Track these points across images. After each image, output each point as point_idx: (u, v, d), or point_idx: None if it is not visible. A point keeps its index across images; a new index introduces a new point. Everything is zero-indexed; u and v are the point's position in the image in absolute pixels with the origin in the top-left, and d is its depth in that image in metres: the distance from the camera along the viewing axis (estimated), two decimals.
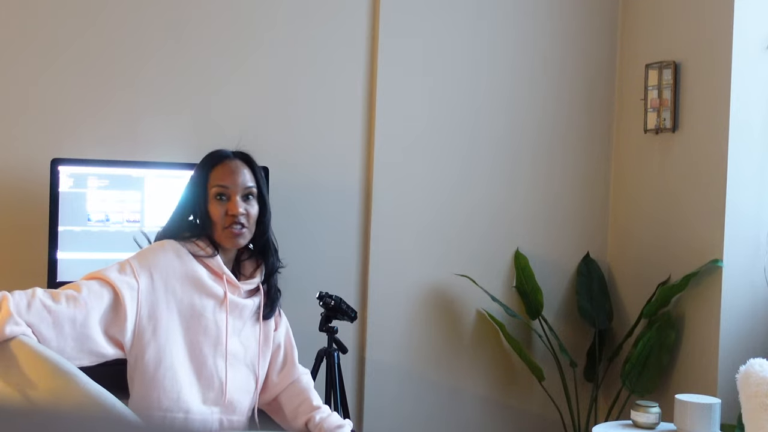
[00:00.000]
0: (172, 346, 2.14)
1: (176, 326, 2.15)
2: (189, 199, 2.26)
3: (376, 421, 3.44)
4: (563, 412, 3.58)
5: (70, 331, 2.01)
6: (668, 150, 3.45)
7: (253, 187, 2.26)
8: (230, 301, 2.22)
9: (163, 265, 2.15)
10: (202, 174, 2.25)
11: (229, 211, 2.20)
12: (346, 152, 3.41)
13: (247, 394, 2.27)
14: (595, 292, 3.66)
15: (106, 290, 2.07)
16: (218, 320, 2.20)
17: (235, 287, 2.24)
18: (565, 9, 3.68)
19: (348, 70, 3.41)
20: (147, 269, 2.13)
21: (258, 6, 3.28)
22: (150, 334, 2.12)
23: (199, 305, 2.18)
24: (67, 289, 2.06)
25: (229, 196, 2.22)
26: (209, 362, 2.19)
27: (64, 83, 3.07)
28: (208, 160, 2.28)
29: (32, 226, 2.95)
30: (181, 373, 2.14)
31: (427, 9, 3.49)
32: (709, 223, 3.22)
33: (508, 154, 3.62)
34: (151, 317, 2.12)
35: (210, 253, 2.21)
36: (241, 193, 2.23)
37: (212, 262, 2.21)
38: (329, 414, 2.33)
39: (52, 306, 2.00)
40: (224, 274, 2.22)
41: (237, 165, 2.26)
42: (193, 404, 2.16)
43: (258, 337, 2.29)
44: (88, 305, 2.03)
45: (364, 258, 3.44)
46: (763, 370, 2.65)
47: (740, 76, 3.15)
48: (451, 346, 3.54)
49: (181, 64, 3.19)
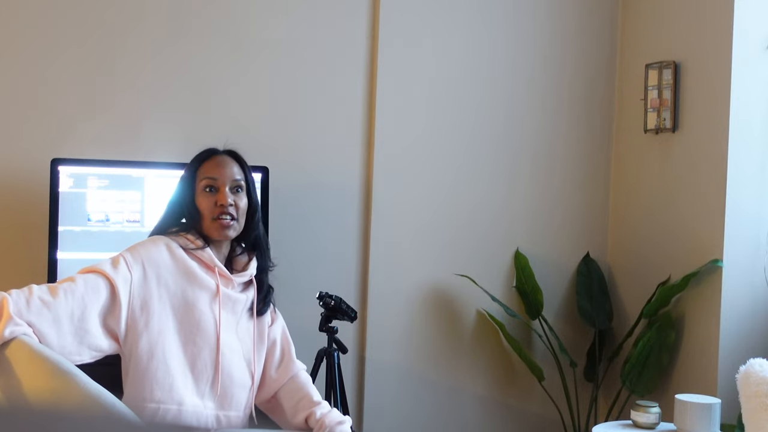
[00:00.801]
0: (165, 338, 2.15)
1: (169, 318, 2.17)
2: (179, 194, 2.30)
3: (376, 421, 3.44)
4: (563, 412, 3.58)
5: (69, 326, 2.02)
6: (668, 150, 3.45)
7: (241, 180, 2.29)
8: (223, 294, 2.23)
9: (155, 259, 2.18)
10: (191, 170, 2.30)
11: (218, 202, 2.24)
12: (346, 152, 3.41)
13: (242, 389, 2.27)
14: (595, 292, 3.66)
15: (102, 282, 2.09)
16: (211, 312, 2.22)
17: (228, 280, 2.25)
18: (565, 9, 3.68)
19: (348, 70, 3.41)
20: (140, 262, 2.16)
21: (258, 6, 3.28)
22: (142, 326, 2.13)
23: (192, 297, 2.20)
24: (64, 282, 2.08)
25: (217, 188, 2.25)
26: (203, 354, 2.20)
27: (64, 83, 3.07)
28: (196, 157, 2.33)
29: (32, 226, 2.95)
30: (173, 364, 2.15)
31: (427, 9, 3.49)
32: (709, 223, 3.22)
33: (508, 153, 3.62)
34: (143, 309, 2.14)
35: (200, 245, 2.23)
36: (230, 185, 2.27)
37: (203, 255, 2.23)
38: (330, 410, 2.34)
39: (50, 301, 2.01)
40: (216, 266, 2.24)
41: (225, 159, 2.31)
42: (186, 396, 2.16)
43: (252, 333, 2.29)
44: (85, 299, 2.05)
45: (364, 258, 3.44)
46: (763, 370, 2.65)
47: (740, 76, 3.15)
48: (451, 346, 3.54)
49: (181, 64, 3.19)
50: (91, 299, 2.06)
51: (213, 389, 2.21)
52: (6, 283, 2.95)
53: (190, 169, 2.31)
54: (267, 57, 3.30)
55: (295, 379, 2.37)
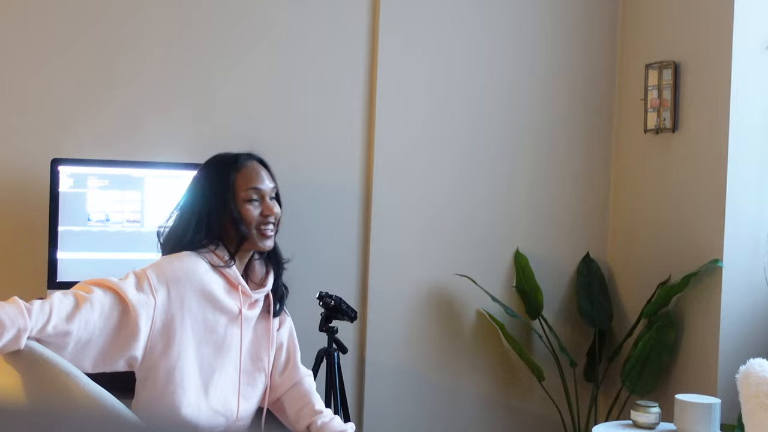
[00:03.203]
0: (183, 362, 2.11)
1: (189, 342, 2.12)
2: (211, 203, 2.19)
3: (376, 421, 3.44)
4: (563, 412, 3.58)
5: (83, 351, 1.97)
6: (668, 150, 3.45)
7: (275, 188, 2.27)
8: (244, 316, 2.20)
9: (181, 280, 2.11)
10: (224, 179, 2.20)
11: (264, 212, 2.20)
12: (346, 152, 3.41)
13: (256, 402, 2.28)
14: (595, 292, 3.66)
15: (120, 308, 2.01)
16: (230, 335, 2.18)
17: (247, 297, 2.22)
18: (565, 9, 3.68)
19: (348, 70, 3.41)
20: (164, 283, 2.08)
21: (258, 6, 3.28)
22: (161, 349, 2.08)
23: (212, 321, 2.15)
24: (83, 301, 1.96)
25: (261, 199, 2.22)
26: (222, 379, 2.17)
27: (64, 83, 3.06)
28: (227, 164, 2.23)
29: (32, 226, 2.95)
30: (190, 387, 2.12)
31: (427, 9, 3.49)
32: (709, 223, 3.22)
33: (508, 153, 3.62)
34: (163, 333, 2.07)
35: (227, 262, 2.18)
36: (269, 195, 2.24)
37: (229, 272, 2.18)
38: (331, 418, 2.32)
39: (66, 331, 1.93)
40: (240, 285, 2.19)
41: (259, 167, 2.26)
42: (201, 421, 2.14)
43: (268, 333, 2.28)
44: (101, 327, 1.98)
45: (364, 258, 3.44)
46: (763, 370, 2.65)
47: (740, 76, 3.15)
48: (451, 346, 3.54)
49: (181, 63, 3.19)
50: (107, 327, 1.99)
51: (229, 412, 2.20)
52: (6, 282, 2.96)
53: (221, 178, 2.20)
54: (267, 57, 3.30)
55: (298, 386, 2.34)
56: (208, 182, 2.22)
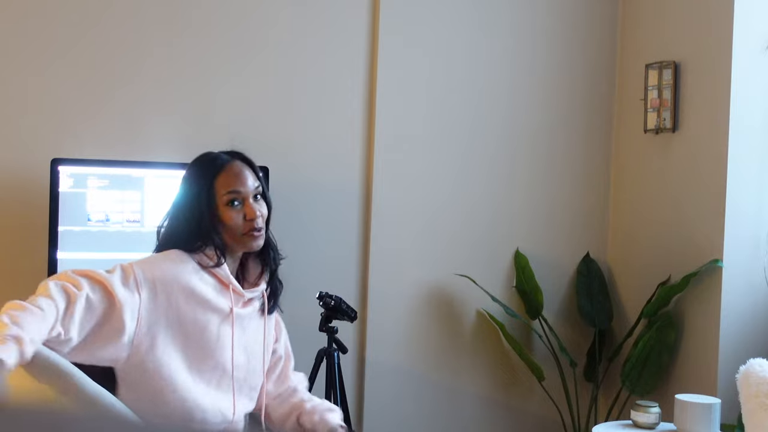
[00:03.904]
0: (171, 359, 2.09)
1: (175, 340, 2.10)
2: (194, 207, 2.17)
3: (376, 421, 3.44)
4: (563, 412, 3.58)
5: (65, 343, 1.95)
6: (668, 150, 3.45)
7: (259, 186, 2.23)
8: (236, 315, 2.19)
9: (168, 278, 2.09)
10: (206, 181, 2.18)
11: (247, 216, 2.17)
12: (346, 152, 3.41)
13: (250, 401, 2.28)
14: (595, 292, 3.66)
15: (107, 303, 2.00)
16: (222, 334, 2.17)
17: (239, 296, 2.21)
18: (565, 9, 3.68)
19: (348, 70, 3.41)
20: (150, 281, 2.07)
21: (258, 6, 3.28)
22: (147, 347, 2.06)
23: (203, 320, 2.14)
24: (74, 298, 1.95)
25: (242, 201, 2.18)
26: (210, 376, 2.16)
27: (64, 83, 3.06)
28: (207, 166, 2.21)
29: (32, 226, 2.95)
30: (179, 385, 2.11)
31: (427, 9, 3.49)
32: (709, 223, 3.22)
33: (508, 153, 3.62)
34: (149, 330, 2.06)
35: (217, 262, 2.17)
36: (252, 195, 2.20)
37: (219, 272, 2.16)
38: (320, 401, 2.35)
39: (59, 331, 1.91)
40: (230, 284, 2.18)
41: (240, 166, 2.21)
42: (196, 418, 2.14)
43: (263, 331, 2.28)
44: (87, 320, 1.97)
45: (364, 258, 3.44)
46: (763, 370, 2.65)
47: (740, 76, 3.15)
48: (451, 346, 3.54)
49: (181, 63, 3.19)
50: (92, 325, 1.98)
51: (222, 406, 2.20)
52: (6, 282, 2.96)
53: (203, 180, 2.18)
54: (267, 57, 3.30)
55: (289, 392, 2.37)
56: (189, 186, 2.21)
